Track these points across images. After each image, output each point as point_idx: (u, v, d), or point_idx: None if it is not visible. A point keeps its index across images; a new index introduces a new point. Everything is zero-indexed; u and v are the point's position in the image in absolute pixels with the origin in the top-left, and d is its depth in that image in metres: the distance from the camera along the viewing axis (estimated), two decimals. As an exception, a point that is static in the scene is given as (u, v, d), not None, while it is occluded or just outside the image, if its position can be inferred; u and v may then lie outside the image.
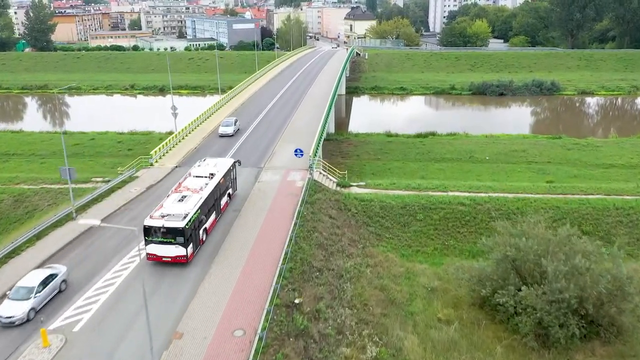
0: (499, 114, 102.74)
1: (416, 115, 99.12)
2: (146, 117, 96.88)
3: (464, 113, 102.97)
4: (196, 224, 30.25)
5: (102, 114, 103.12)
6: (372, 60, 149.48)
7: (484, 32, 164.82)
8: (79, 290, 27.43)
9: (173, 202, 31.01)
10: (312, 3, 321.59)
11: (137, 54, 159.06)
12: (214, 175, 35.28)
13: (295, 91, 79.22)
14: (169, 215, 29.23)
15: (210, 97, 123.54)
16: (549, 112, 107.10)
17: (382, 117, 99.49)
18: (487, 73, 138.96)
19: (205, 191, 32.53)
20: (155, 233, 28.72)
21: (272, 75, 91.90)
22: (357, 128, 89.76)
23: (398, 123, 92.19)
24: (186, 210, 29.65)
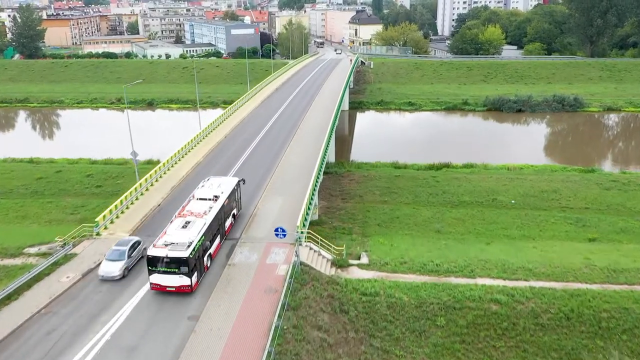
0: (518, 134, 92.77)
1: (426, 136, 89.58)
2: (128, 138, 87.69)
3: (479, 133, 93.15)
4: (200, 252, 29.76)
5: (80, 133, 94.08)
6: (377, 69, 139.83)
7: (497, 39, 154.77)
8: None
9: (176, 228, 30.41)
10: (316, 5, 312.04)
11: (128, 63, 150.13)
12: (218, 197, 34.71)
13: (291, 115, 69.38)
14: (173, 244, 28.70)
15: (202, 111, 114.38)
16: (575, 133, 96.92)
17: (389, 136, 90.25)
18: (502, 85, 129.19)
19: (209, 215, 32.09)
20: (158, 263, 28.27)
21: (267, 94, 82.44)
22: (361, 152, 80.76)
23: (407, 146, 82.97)
24: (190, 238, 29.13)
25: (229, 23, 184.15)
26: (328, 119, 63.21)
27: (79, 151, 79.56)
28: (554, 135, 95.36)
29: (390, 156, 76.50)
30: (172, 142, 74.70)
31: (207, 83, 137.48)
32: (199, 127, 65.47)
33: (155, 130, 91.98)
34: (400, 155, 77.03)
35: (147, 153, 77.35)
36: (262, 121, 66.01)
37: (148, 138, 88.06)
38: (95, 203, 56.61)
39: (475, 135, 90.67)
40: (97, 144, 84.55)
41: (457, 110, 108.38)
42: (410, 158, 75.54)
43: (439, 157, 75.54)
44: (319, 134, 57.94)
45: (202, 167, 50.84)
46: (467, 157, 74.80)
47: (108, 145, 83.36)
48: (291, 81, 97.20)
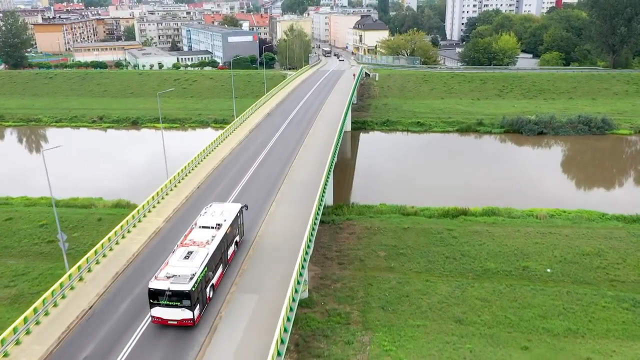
0: (541, 163, 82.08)
1: (438, 165, 79.34)
2: (104, 169, 78.09)
3: (497, 161, 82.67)
4: (203, 284, 28.83)
5: (51, 161, 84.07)
6: (383, 82, 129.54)
7: (512, 49, 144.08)
8: None
9: (179, 259, 29.49)
10: (320, 8, 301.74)
11: (116, 74, 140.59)
12: (221, 225, 33.57)
13: (280, 156, 58.10)
14: (175, 277, 27.75)
15: (191, 131, 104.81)
16: (607, 163, 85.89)
17: (395, 163, 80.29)
18: (519, 100, 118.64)
19: (212, 245, 31.16)
20: (160, 296, 27.20)
21: (256, 121, 72.28)
22: (364, 184, 71.09)
23: (416, 177, 72.97)
24: (192, 270, 28.22)
25: (226, 30, 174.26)
26: (324, 160, 53.12)
27: (42, 187, 70.01)
28: (584, 166, 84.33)
29: (397, 191, 67.15)
30: (144, 182, 65.45)
31: (199, 97, 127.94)
32: (163, 154, 55.68)
33: (136, 157, 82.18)
34: (409, 190, 67.71)
35: (123, 188, 68.53)
36: (245, 163, 55.62)
37: (127, 165, 78.76)
38: (41, 269, 47.20)
39: (492, 164, 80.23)
40: (66, 176, 74.86)
41: (471, 132, 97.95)
42: (421, 195, 65.93)
43: (453, 193, 66.18)
44: (312, 183, 47.78)
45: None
46: (486, 196, 64.94)
47: (78, 178, 73.96)
48: (286, 102, 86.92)
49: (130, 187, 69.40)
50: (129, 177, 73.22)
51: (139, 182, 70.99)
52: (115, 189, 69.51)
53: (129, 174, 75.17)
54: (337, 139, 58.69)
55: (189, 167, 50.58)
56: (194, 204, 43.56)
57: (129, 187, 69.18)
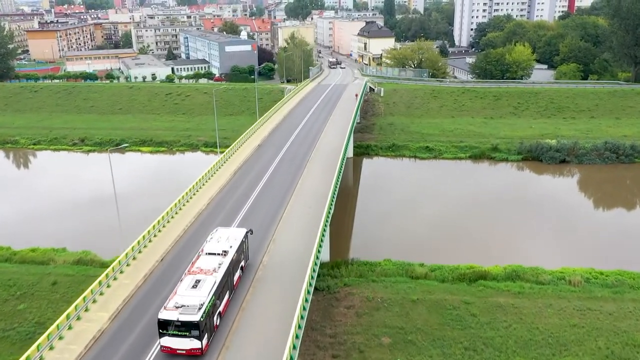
0: (567, 202, 72.63)
1: (449, 199, 70.49)
2: (76, 204, 69.64)
3: (515, 195, 73.59)
4: (211, 312, 28.92)
5: (20, 193, 76.03)
6: (388, 97, 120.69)
7: (527, 61, 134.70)
8: None
9: (187, 288, 29.62)
10: (324, 12, 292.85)
11: (104, 88, 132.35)
12: (227, 252, 33.64)
13: (268, 209, 49.09)
14: (184, 307, 28.05)
15: (179, 155, 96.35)
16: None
17: (402, 197, 71.73)
18: (536, 119, 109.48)
19: (219, 272, 31.31)
20: (169, 326, 27.58)
21: (244, 157, 63.28)
22: (367, 222, 62.43)
23: (425, 225, 64.04)
24: (201, 300, 28.49)
25: (224, 38, 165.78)
26: (318, 215, 44.43)
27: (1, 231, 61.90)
28: (615, 203, 74.57)
29: (404, 239, 58.80)
30: (121, 223, 56.85)
31: (191, 114, 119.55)
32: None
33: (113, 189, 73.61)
34: (418, 238, 59.28)
35: (86, 235, 60.19)
36: (222, 223, 46.89)
37: (97, 207, 69.47)
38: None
39: (511, 200, 71.23)
40: (32, 215, 66.63)
41: (485, 159, 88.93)
42: (431, 245, 57.47)
43: (468, 242, 57.61)
44: (300, 257, 38.98)
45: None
46: (507, 248, 56.26)
47: (45, 216, 65.75)
48: (280, 129, 77.85)
49: (102, 231, 61.14)
50: (104, 217, 64.63)
51: (113, 226, 62.63)
52: (83, 233, 61.39)
53: (105, 213, 66.59)
54: (334, 189, 49.87)
55: (151, 232, 41.80)
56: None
57: (100, 232, 60.93)
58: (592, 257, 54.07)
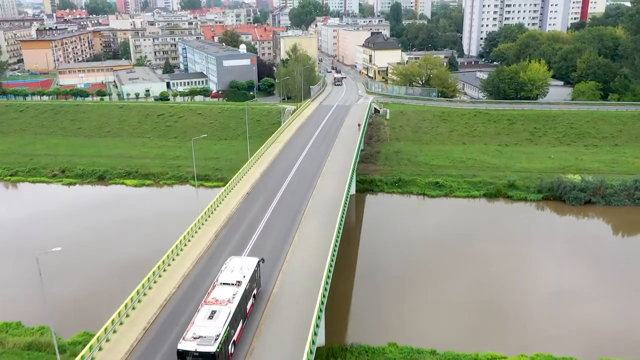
0: (595, 252, 64.32)
1: (460, 251, 62.44)
2: (42, 259, 61.17)
3: (536, 246, 65.40)
4: (226, 342, 30.94)
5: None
6: (395, 120, 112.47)
7: (543, 79, 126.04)
8: None
9: (203, 319, 31.80)
10: (329, 19, 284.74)
11: (94, 107, 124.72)
12: (241, 282, 35.55)
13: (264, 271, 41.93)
14: (201, 338, 30.17)
15: (167, 189, 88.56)
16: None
17: (407, 247, 63.87)
18: (555, 147, 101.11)
19: (233, 303, 33.22)
20: (187, 356, 29.60)
21: (228, 212, 54.94)
22: (368, 301, 54.17)
23: (435, 288, 56.07)
24: (217, 331, 30.61)
25: (222, 51, 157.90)
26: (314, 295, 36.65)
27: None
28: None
29: (412, 310, 50.85)
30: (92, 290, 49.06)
31: (182, 138, 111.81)
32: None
33: (85, 241, 65.92)
34: (427, 310, 51.47)
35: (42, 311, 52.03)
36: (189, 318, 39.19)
37: (64, 263, 60.76)
38: None
39: (531, 254, 63.01)
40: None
41: (501, 198, 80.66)
42: (441, 319, 49.57)
43: (487, 321, 49.62)
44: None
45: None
46: (534, 329, 48.09)
47: (5, 278, 58.06)
48: (272, 172, 69.39)
49: (68, 298, 53.49)
50: (70, 282, 56.96)
51: (81, 293, 55.11)
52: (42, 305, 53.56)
53: (76, 272, 59.01)
54: (329, 267, 41.84)
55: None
56: None
57: (66, 299, 53.23)
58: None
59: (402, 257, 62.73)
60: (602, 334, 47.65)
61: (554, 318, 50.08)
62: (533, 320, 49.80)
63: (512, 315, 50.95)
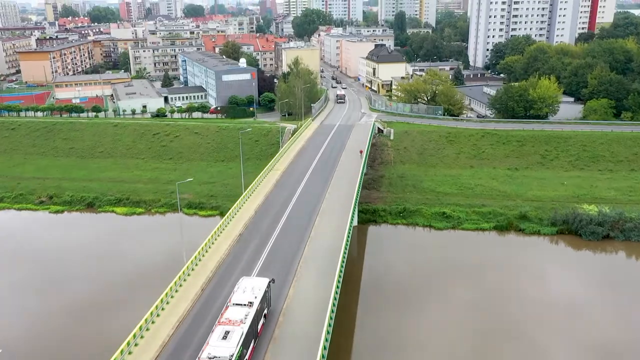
0: (615, 298, 59.45)
1: (471, 302, 57.63)
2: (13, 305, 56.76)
3: (553, 290, 60.59)
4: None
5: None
6: (399, 141, 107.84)
7: (553, 97, 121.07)
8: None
9: (218, 339, 33.63)
10: (332, 29, 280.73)
11: (88, 126, 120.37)
12: (253, 303, 37.17)
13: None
14: (216, 358, 32.09)
15: (158, 218, 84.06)
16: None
17: (412, 293, 58.85)
18: (567, 171, 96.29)
19: (246, 324, 34.92)
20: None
21: (216, 261, 50.52)
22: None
23: (441, 324, 51.21)
24: (230, 351, 32.44)
25: (222, 65, 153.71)
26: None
27: None
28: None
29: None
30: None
31: (178, 159, 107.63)
32: None
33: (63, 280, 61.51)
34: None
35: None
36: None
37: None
38: None
39: (550, 301, 58.18)
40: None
41: (512, 231, 75.79)
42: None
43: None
44: None
45: None
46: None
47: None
48: (267, 208, 64.80)
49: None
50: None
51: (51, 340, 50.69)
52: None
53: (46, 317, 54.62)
54: (326, 335, 37.11)
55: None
56: None
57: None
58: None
59: (406, 300, 57.92)
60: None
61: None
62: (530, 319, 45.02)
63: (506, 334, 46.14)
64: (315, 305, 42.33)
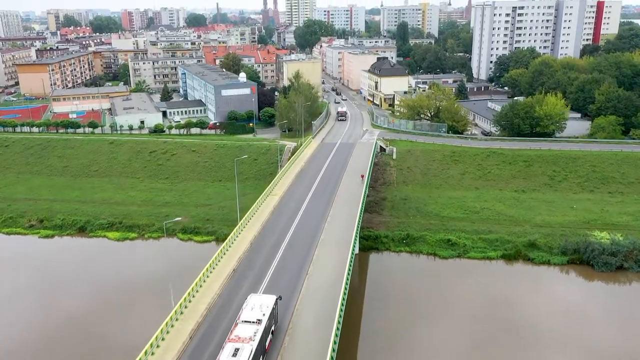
0: (636, 340, 55.96)
1: (482, 343, 54.19)
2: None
3: (564, 329, 57.15)
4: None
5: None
6: (402, 160, 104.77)
7: (560, 114, 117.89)
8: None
9: (228, 356, 34.89)
10: (334, 40, 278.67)
11: (83, 143, 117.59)
12: (261, 321, 38.55)
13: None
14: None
15: (152, 243, 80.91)
16: None
17: (413, 334, 55.32)
18: (576, 193, 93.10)
19: (255, 341, 36.17)
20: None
21: (206, 304, 47.35)
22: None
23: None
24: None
25: (221, 79, 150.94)
26: None
27: None
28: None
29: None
30: None
31: (174, 179, 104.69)
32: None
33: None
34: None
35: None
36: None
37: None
38: None
39: (562, 339, 54.75)
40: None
41: (520, 260, 72.39)
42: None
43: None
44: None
45: None
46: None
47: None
48: (263, 240, 62.06)
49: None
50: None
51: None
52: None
53: None
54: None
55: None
56: None
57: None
58: None
59: (411, 337, 54.54)
60: None
61: None
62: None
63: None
64: (313, 353, 39.17)
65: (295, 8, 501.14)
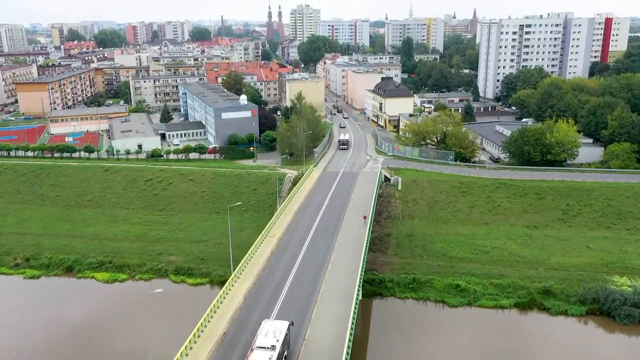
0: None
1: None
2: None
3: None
4: None
5: None
6: (407, 192, 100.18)
7: (572, 141, 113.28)
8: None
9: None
10: (338, 57, 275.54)
11: (77, 170, 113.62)
12: (275, 347, 40.31)
13: None
14: None
15: (142, 285, 76.38)
16: None
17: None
18: (592, 229, 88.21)
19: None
20: None
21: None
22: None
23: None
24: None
25: (222, 101, 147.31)
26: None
27: None
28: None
29: None
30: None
31: (170, 210, 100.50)
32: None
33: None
34: None
35: None
36: None
37: None
38: None
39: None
40: None
41: (534, 309, 67.45)
42: None
43: None
44: None
45: None
46: None
47: None
48: (258, 293, 58.06)
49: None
50: None
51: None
52: None
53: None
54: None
55: None
56: None
57: None
58: None
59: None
60: None
61: None
62: None
63: None
64: None
65: (299, 21, 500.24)
